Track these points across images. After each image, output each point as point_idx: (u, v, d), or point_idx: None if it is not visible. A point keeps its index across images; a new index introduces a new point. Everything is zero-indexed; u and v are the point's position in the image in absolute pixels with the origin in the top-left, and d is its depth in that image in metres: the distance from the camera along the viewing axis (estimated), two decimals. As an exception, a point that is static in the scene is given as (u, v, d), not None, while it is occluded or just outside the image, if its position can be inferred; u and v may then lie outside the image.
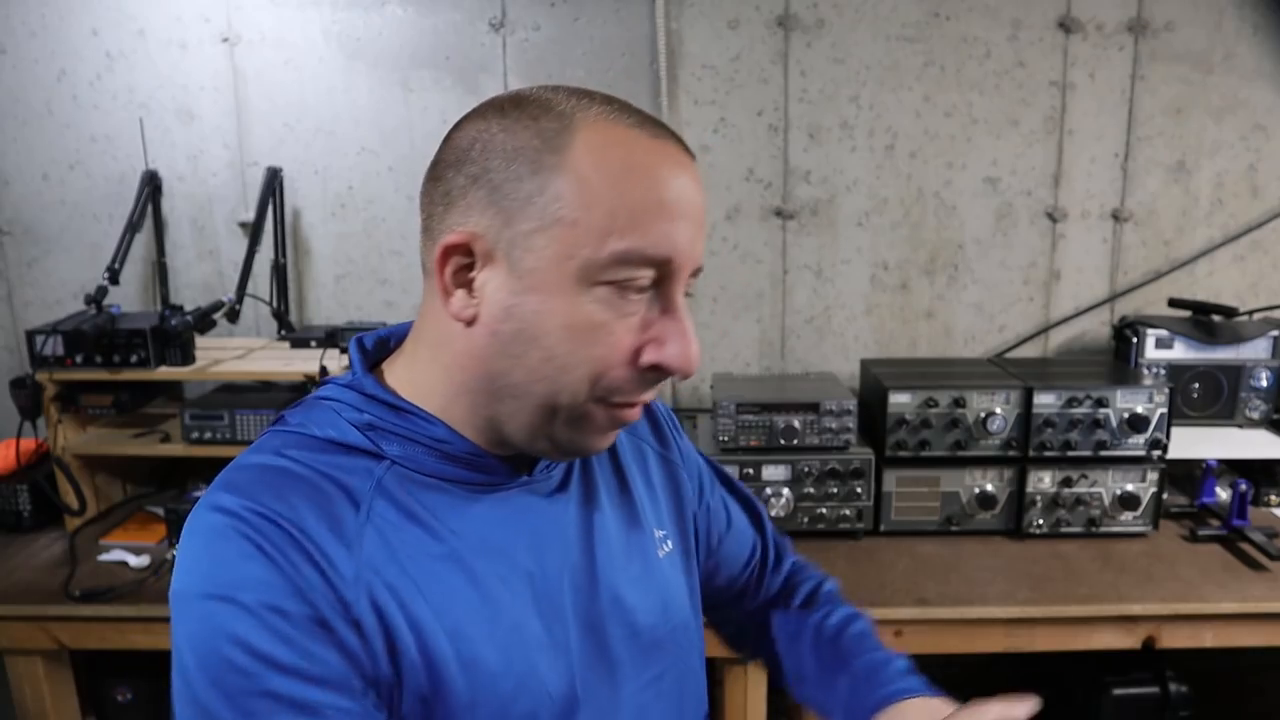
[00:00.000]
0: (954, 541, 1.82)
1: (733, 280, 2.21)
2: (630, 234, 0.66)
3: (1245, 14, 2.10)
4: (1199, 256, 2.21)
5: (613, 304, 0.67)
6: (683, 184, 0.68)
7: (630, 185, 0.66)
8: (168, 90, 2.11)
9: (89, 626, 1.62)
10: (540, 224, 0.66)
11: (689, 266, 0.70)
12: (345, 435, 0.72)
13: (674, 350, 0.69)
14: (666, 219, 0.67)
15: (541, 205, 0.66)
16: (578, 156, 0.66)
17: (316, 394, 0.77)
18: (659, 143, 0.69)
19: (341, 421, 0.73)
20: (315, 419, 0.74)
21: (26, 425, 1.82)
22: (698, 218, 0.69)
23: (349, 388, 0.75)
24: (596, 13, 2.09)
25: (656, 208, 0.67)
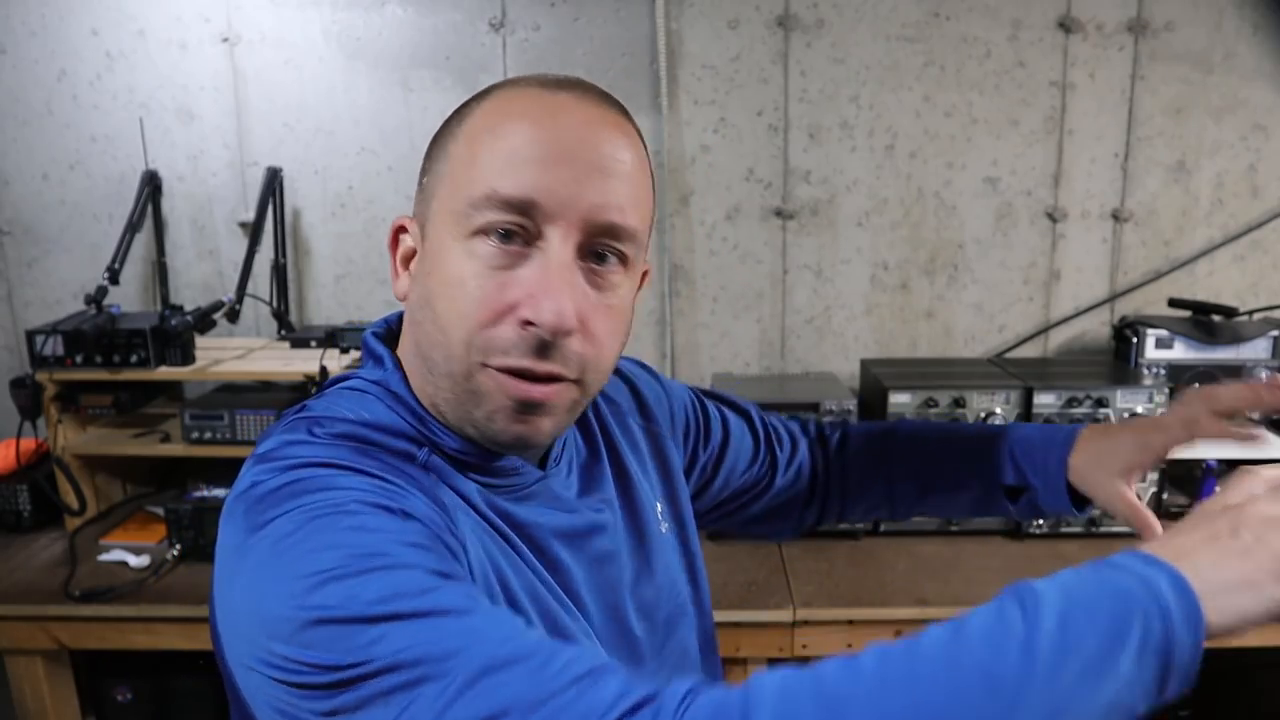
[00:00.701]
0: (954, 541, 1.82)
1: (733, 280, 2.21)
2: (491, 177, 0.64)
3: (1245, 14, 2.10)
4: (1199, 256, 2.21)
5: (488, 257, 0.64)
6: (562, 127, 0.65)
7: (503, 133, 0.65)
8: (168, 90, 2.11)
9: (89, 626, 1.62)
10: (438, 192, 0.69)
11: (567, 215, 0.64)
12: (381, 418, 0.69)
13: (538, 304, 0.63)
14: (531, 161, 0.64)
15: (440, 173, 0.69)
16: (473, 120, 0.68)
17: (341, 385, 0.74)
18: (552, 94, 0.67)
19: (377, 406, 0.70)
20: (344, 405, 0.70)
21: (26, 425, 1.82)
22: (584, 163, 0.64)
23: (377, 384, 0.72)
24: (596, 13, 2.09)
25: (523, 149, 0.64)
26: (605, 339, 0.68)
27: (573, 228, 0.64)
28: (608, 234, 0.66)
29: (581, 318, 0.65)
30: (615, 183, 0.66)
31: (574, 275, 0.65)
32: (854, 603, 1.60)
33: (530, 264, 0.65)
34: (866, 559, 1.76)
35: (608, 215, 0.65)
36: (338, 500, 0.58)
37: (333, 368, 1.81)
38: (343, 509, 0.58)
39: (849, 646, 1.59)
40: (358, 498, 0.59)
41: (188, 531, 1.73)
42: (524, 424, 0.67)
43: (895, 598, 1.61)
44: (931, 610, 1.58)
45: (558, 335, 0.64)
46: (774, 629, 1.58)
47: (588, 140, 0.65)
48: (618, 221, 0.66)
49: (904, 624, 1.59)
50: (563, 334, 0.64)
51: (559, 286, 0.63)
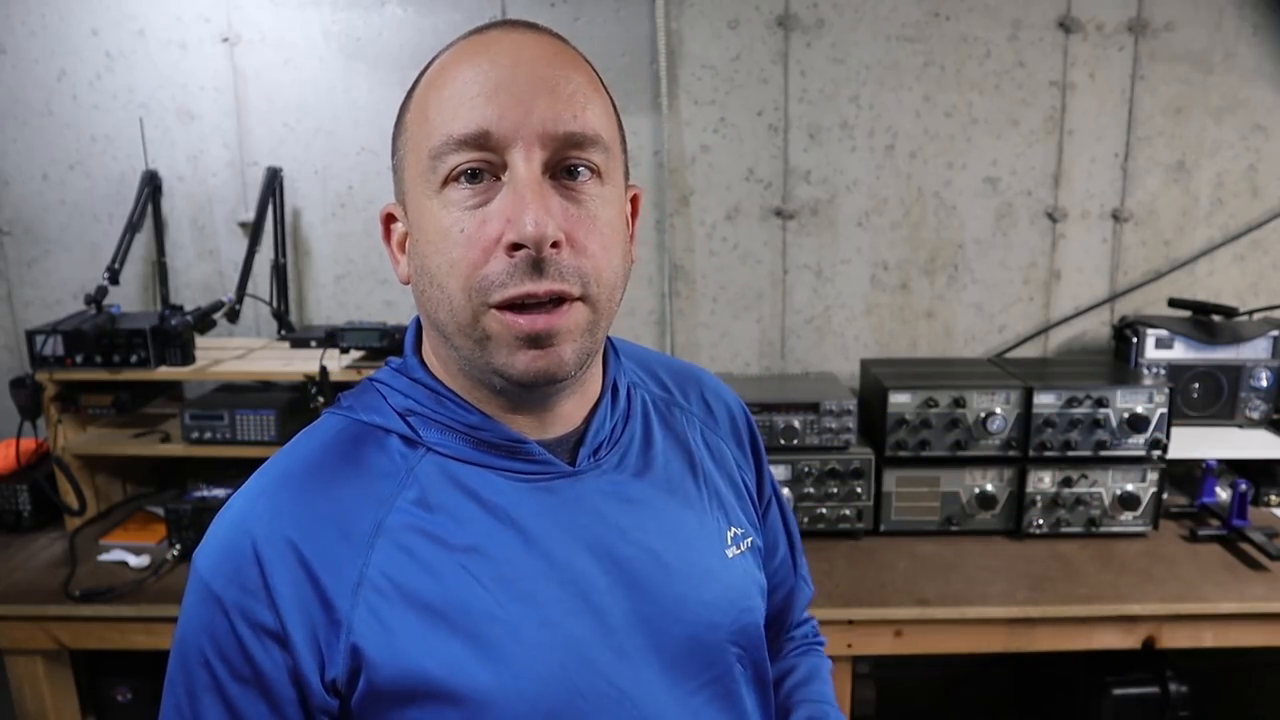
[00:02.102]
0: (954, 541, 1.82)
1: (733, 280, 2.21)
2: (443, 125, 0.66)
3: (1245, 14, 2.10)
4: (1199, 256, 2.21)
5: (461, 200, 0.66)
6: (499, 58, 0.66)
7: (444, 82, 0.67)
8: (168, 90, 2.11)
9: (89, 626, 1.62)
10: (406, 162, 0.70)
11: (523, 134, 0.65)
12: (387, 420, 0.74)
13: (518, 222, 0.64)
14: (470, 96, 0.65)
15: (403, 146, 0.71)
16: (419, 88, 0.70)
17: (372, 376, 0.79)
18: (482, 34, 0.68)
19: (385, 406, 0.75)
20: (363, 402, 0.76)
21: (26, 425, 1.82)
22: (527, 83, 0.65)
23: (399, 372, 0.76)
24: (596, 13, 2.09)
25: (461, 89, 0.65)
26: (598, 251, 0.68)
27: (532, 146, 0.65)
28: (570, 145, 0.66)
29: (566, 230, 0.66)
30: (563, 95, 0.66)
31: (545, 189, 0.65)
32: (854, 603, 1.60)
33: (502, 193, 0.66)
34: (866, 559, 1.76)
35: (563, 125, 0.65)
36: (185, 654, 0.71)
37: (333, 368, 1.81)
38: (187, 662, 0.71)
39: (849, 646, 1.59)
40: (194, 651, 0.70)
41: (188, 531, 1.73)
42: (543, 358, 0.67)
43: (895, 598, 1.61)
44: (932, 610, 1.58)
45: (542, 247, 0.64)
46: (774, 629, 1.58)
47: (525, 62, 0.66)
48: (575, 130, 0.66)
49: (904, 624, 1.59)
50: (548, 244, 0.64)
51: (531, 200, 0.64)
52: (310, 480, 0.71)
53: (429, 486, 0.71)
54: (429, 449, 0.72)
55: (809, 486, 1.81)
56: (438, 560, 0.69)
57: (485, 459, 0.72)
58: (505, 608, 0.69)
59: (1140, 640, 1.60)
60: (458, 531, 0.70)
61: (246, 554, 0.68)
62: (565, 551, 0.72)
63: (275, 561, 0.67)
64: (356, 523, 0.69)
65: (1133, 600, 1.58)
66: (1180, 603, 1.58)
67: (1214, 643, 1.60)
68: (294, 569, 0.67)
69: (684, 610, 0.76)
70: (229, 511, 0.72)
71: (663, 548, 0.76)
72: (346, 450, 0.73)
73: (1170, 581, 1.64)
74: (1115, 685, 1.80)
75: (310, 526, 0.68)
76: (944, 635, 1.60)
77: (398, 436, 0.73)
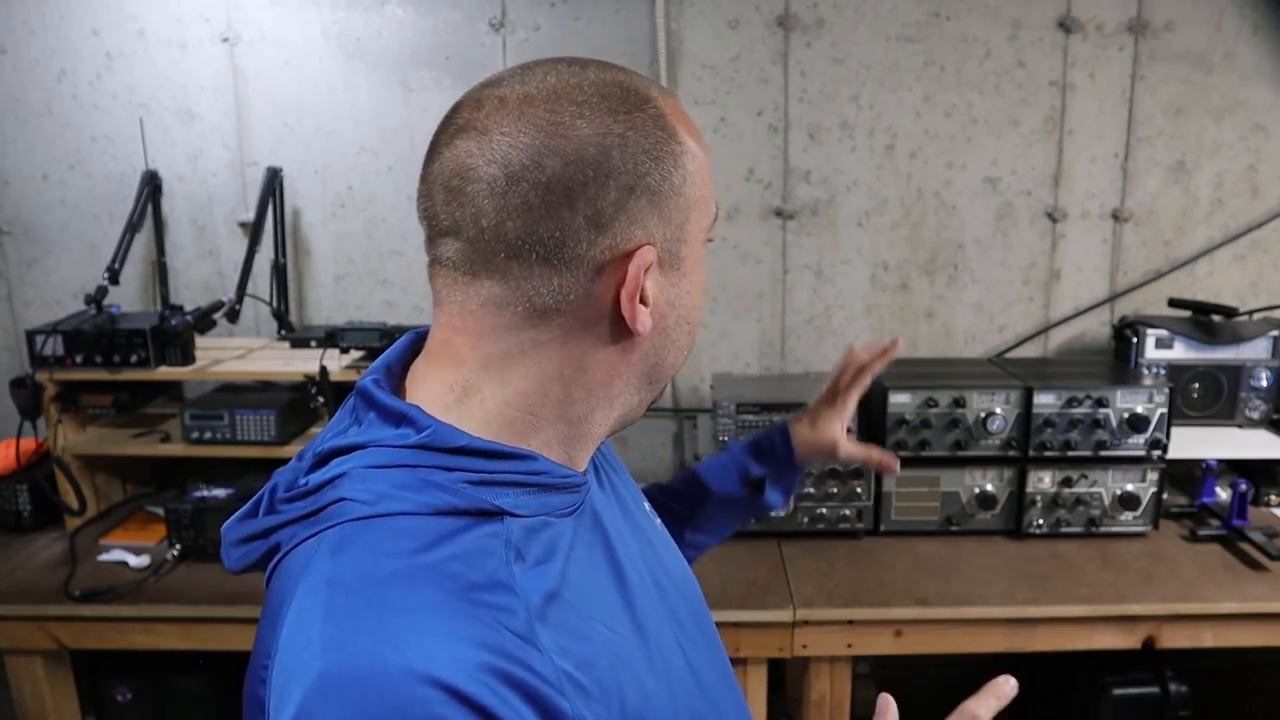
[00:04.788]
0: (954, 541, 1.82)
1: (733, 280, 2.21)
2: (710, 197, 0.70)
3: (1245, 14, 2.10)
4: (1199, 256, 2.21)
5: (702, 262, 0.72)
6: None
7: (702, 161, 0.70)
8: (168, 90, 2.11)
9: (89, 626, 1.62)
10: (687, 211, 0.67)
11: None
12: (453, 499, 0.60)
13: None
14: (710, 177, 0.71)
15: (687, 193, 0.66)
16: (684, 135, 0.67)
17: (363, 464, 0.61)
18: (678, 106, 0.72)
19: (433, 486, 0.60)
20: (393, 493, 0.59)
21: (26, 425, 1.82)
22: None
23: (421, 448, 0.62)
24: (596, 13, 2.09)
25: (709, 171, 0.70)
26: None
27: None
28: None
29: None
30: None
31: None
32: (854, 603, 1.60)
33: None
34: (866, 559, 1.76)
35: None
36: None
37: (333, 368, 1.81)
38: None
39: (849, 646, 1.59)
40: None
41: (188, 531, 1.73)
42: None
43: (895, 598, 1.61)
44: (932, 610, 1.58)
45: None
46: (774, 629, 1.58)
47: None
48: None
49: (904, 624, 1.59)
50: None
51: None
52: (435, 590, 0.55)
53: (530, 555, 0.61)
54: (505, 514, 0.62)
55: (809, 486, 1.81)
56: (580, 624, 0.61)
57: (546, 504, 0.65)
58: (633, 643, 0.66)
59: (1140, 640, 1.60)
60: (570, 588, 0.62)
61: (444, 702, 0.50)
62: (624, 568, 0.71)
63: (490, 694, 0.51)
64: (514, 617, 0.56)
65: (1133, 600, 1.58)
66: (1180, 603, 1.58)
67: (1214, 643, 1.60)
68: (511, 692, 0.52)
69: (679, 590, 0.80)
70: (344, 674, 0.50)
71: (652, 539, 0.81)
72: (430, 547, 0.57)
73: (1170, 581, 1.64)
74: (1115, 685, 1.80)
75: (489, 638, 0.54)
76: (944, 635, 1.60)
77: (469, 515, 0.60)
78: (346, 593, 0.54)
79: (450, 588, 0.55)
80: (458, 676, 0.50)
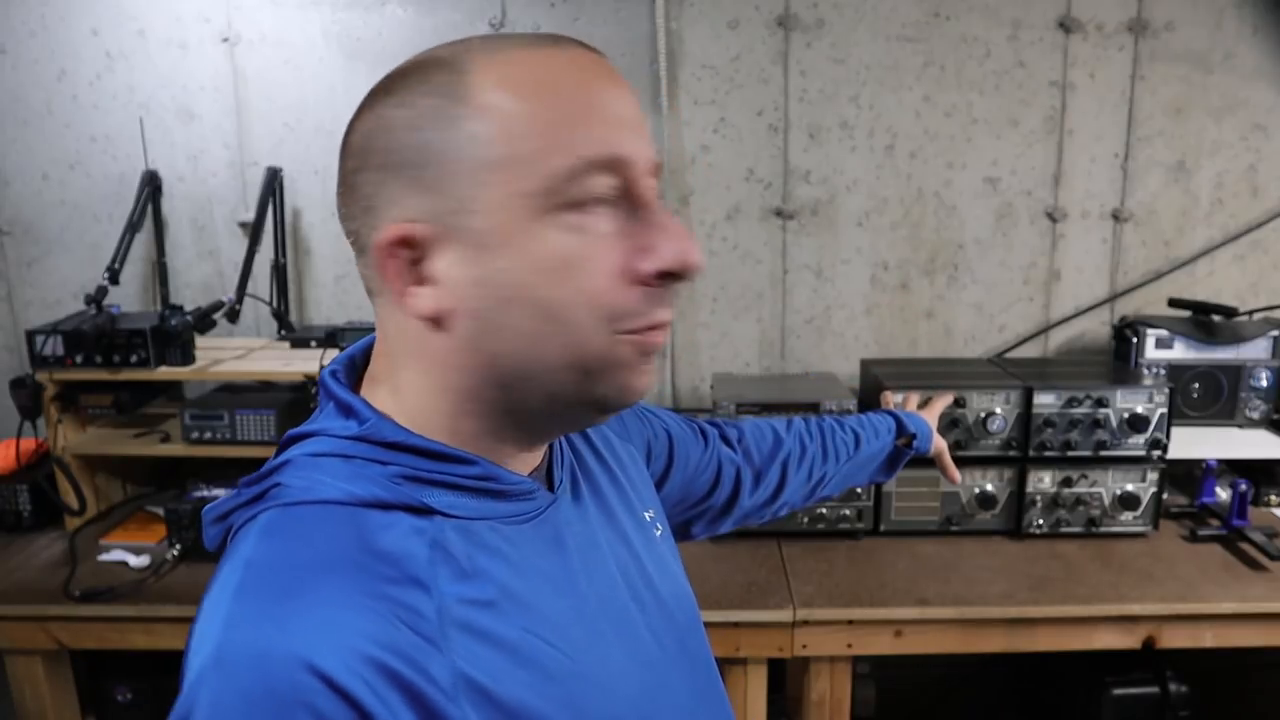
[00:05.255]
0: (954, 541, 1.82)
1: (733, 280, 2.21)
2: (570, 145, 0.60)
3: (1245, 14, 2.10)
4: (1199, 256, 2.21)
5: (580, 226, 0.60)
6: (604, 84, 0.63)
7: (548, 98, 0.61)
8: (168, 90, 2.11)
9: (89, 626, 1.62)
10: (472, 177, 0.60)
11: (646, 164, 0.63)
12: (379, 493, 0.60)
13: (670, 249, 0.62)
14: (601, 121, 0.61)
15: (465, 158, 0.60)
16: (482, 93, 0.60)
17: (306, 452, 0.63)
18: (561, 50, 0.63)
19: (366, 478, 0.61)
20: (327, 481, 0.61)
21: (26, 425, 1.82)
22: (636, 116, 0.64)
23: (360, 439, 0.63)
24: (596, 13, 2.09)
25: (587, 111, 0.61)
26: None
27: (650, 175, 0.64)
28: (656, 175, 0.66)
29: None
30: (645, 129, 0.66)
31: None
32: (854, 603, 1.60)
33: (639, 219, 0.63)
34: (866, 559, 1.76)
35: (659, 158, 0.66)
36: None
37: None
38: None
39: (849, 647, 1.59)
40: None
41: (188, 531, 1.73)
42: (648, 374, 0.66)
43: (895, 598, 1.61)
44: (932, 610, 1.58)
45: (694, 276, 0.64)
46: (774, 629, 1.58)
47: (625, 93, 0.64)
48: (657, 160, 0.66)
49: (904, 624, 1.59)
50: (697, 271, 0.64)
51: (683, 229, 0.63)
52: (341, 580, 0.55)
53: (461, 557, 0.61)
54: (439, 514, 0.62)
55: (809, 486, 1.81)
56: (505, 633, 0.60)
57: (492, 509, 0.65)
58: (575, 660, 0.63)
59: (1140, 640, 1.60)
60: (505, 596, 0.62)
61: (316, 689, 0.50)
62: (583, 582, 0.69)
63: (363, 687, 0.51)
64: (419, 616, 0.56)
65: (1133, 600, 1.58)
66: (1180, 603, 1.58)
67: (1214, 643, 1.60)
68: (390, 689, 0.52)
69: (666, 610, 0.77)
70: (235, 653, 0.51)
71: (631, 556, 0.77)
72: (349, 537, 0.58)
73: (1170, 581, 1.64)
74: (1115, 685, 1.80)
75: (381, 633, 0.53)
76: (944, 635, 1.60)
77: (399, 510, 0.60)
78: (258, 574, 0.55)
79: (359, 580, 0.55)
80: (337, 667, 0.50)
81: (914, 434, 1.24)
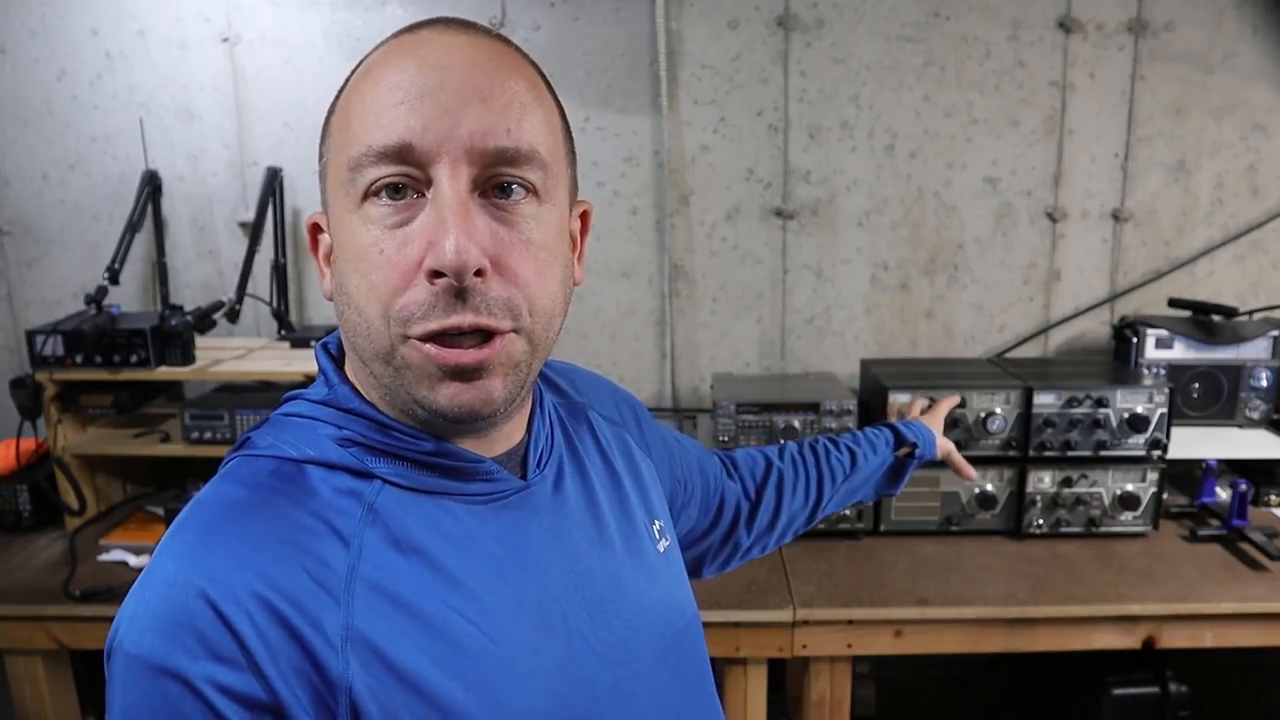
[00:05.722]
0: (954, 541, 1.82)
1: (733, 280, 2.21)
2: (364, 134, 0.60)
3: (1245, 14, 2.10)
4: (1199, 256, 2.21)
5: (381, 218, 0.60)
6: (427, 61, 0.60)
7: (368, 87, 0.61)
8: (168, 90, 2.11)
9: (89, 626, 1.62)
10: (329, 157, 0.65)
11: (448, 149, 0.59)
12: (327, 453, 0.64)
13: (437, 248, 0.58)
14: (390, 105, 0.60)
15: (326, 150, 0.66)
16: (346, 89, 0.65)
17: (283, 411, 0.70)
18: (413, 34, 0.63)
19: (321, 439, 0.65)
20: (288, 439, 0.66)
21: (26, 425, 1.82)
22: (455, 92, 0.60)
23: (324, 404, 0.68)
24: (596, 13, 2.09)
25: (384, 95, 0.60)
26: (531, 278, 0.62)
27: (458, 162, 0.59)
28: (501, 161, 0.61)
29: (493, 256, 0.60)
30: (496, 105, 0.60)
31: (470, 211, 0.59)
32: (854, 603, 1.60)
33: (424, 212, 0.60)
34: (866, 559, 1.76)
35: (493, 139, 0.60)
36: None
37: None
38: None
39: (849, 646, 1.59)
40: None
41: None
42: (468, 391, 0.61)
43: (895, 598, 1.61)
44: (932, 610, 1.58)
45: (464, 276, 0.58)
46: (774, 629, 1.58)
47: (456, 67, 0.60)
48: (508, 145, 0.60)
49: (904, 624, 1.59)
50: (470, 272, 0.58)
51: (452, 223, 0.58)
52: (260, 525, 0.60)
53: (393, 523, 0.63)
54: (384, 481, 0.64)
55: (809, 486, 1.81)
56: (422, 602, 0.62)
57: (441, 485, 0.66)
58: (498, 643, 0.64)
59: (1140, 640, 1.60)
60: (434, 566, 0.63)
61: (207, 617, 0.55)
62: (537, 573, 0.68)
63: (246, 621, 0.55)
64: (328, 569, 0.59)
65: (1133, 600, 1.58)
66: (1180, 603, 1.58)
67: (1214, 643, 1.60)
68: (271, 627, 0.56)
69: (642, 618, 0.75)
70: (158, 575, 0.58)
71: (611, 558, 0.75)
72: (288, 490, 0.62)
73: (1170, 581, 1.64)
74: (1115, 685, 1.80)
75: (278, 576, 0.57)
76: (944, 635, 1.60)
77: (344, 471, 0.64)
78: (197, 511, 0.62)
79: (277, 527, 0.60)
80: (226, 600, 0.55)
81: (914, 443, 1.24)
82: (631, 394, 0.97)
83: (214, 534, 0.60)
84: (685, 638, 0.81)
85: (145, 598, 0.57)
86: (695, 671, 0.81)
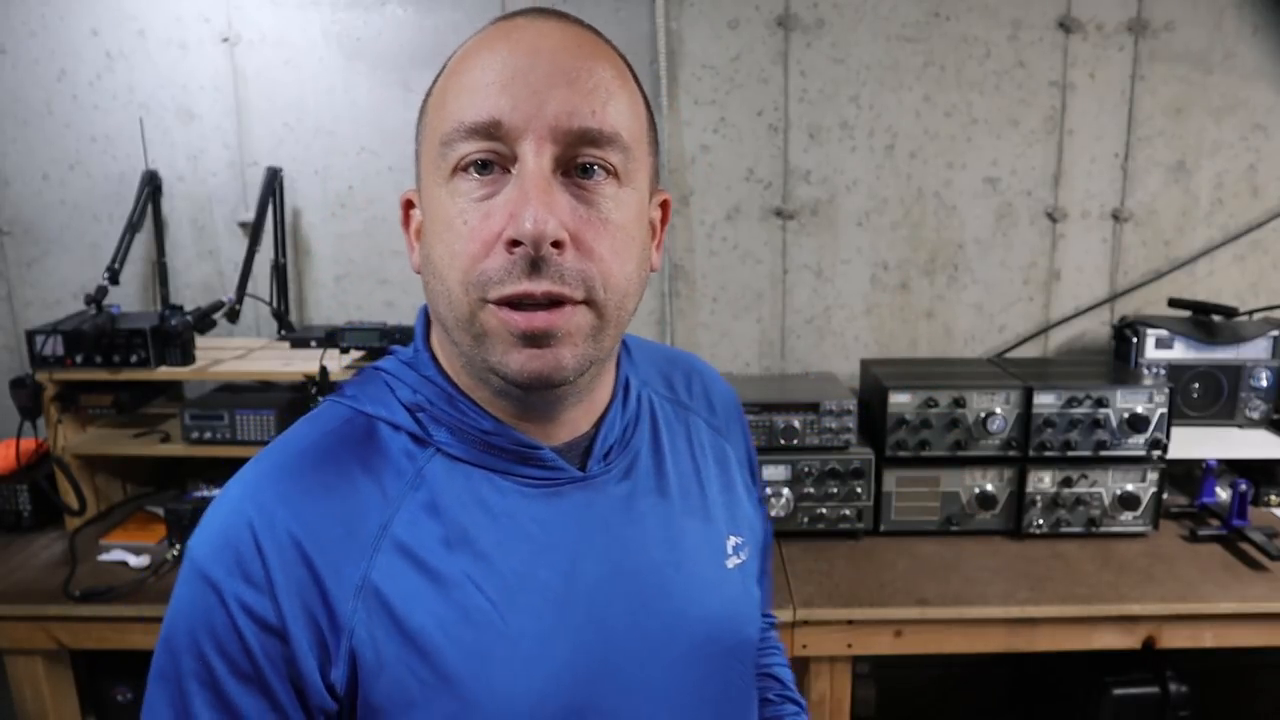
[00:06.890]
0: (954, 541, 1.82)
1: (733, 280, 2.21)
2: (454, 113, 0.64)
3: (1245, 14, 2.10)
4: (1199, 256, 2.21)
5: (468, 191, 0.64)
6: (520, 45, 0.64)
7: (464, 69, 0.65)
8: (168, 90, 2.11)
9: (89, 626, 1.62)
10: (422, 141, 0.69)
11: (535, 127, 0.62)
12: (394, 415, 0.71)
13: (518, 219, 0.61)
14: (482, 85, 0.63)
15: (422, 129, 0.70)
16: (443, 75, 0.69)
17: (377, 365, 0.76)
18: (508, 22, 0.66)
19: (393, 399, 0.72)
20: (369, 393, 0.73)
21: (26, 425, 1.82)
22: (545, 74, 0.63)
23: (408, 365, 0.74)
24: (596, 13, 2.09)
25: (478, 76, 0.63)
26: (607, 255, 0.64)
27: (544, 140, 0.62)
28: (585, 142, 0.63)
29: (572, 231, 0.63)
30: (583, 88, 0.63)
31: (552, 186, 0.62)
32: (854, 603, 1.60)
33: (509, 187, 0.63)
34: (866, 559, 1.76)
35: (578, 120, 0.63)
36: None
37: (333, 368, 1.81)
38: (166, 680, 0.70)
39: (849, 646, 1.59)
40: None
41: (188, 531, 1.73)
42: (539, 358, 0.64)
43: (895, 598, 1.61)
44: (932, 610, 1.58)
45: (540, 245, 0.61)
46: (774, 629, 1.58)
47: (546, 51, 0.64)
48: (591, 126, 0.63)
49: (904, 624, 1.59)
50: (546, 242, 0.61)
51: (534, 196, 0.61)
52: (315, 472, 0.67)
53: (437, 489, 0.68)
54: (438, 449, 0.70)
55: (809, 486, 1.81)
56: (442, 568, 0.66)
57: (496, 463, 0.70)
58: (507, 620, 0.66)
59: (1140, 640, 1.60)
60: (465, 538, 0.67)
61: (247, 544, 0.64)
62: (572, 562, 0.70)
63: (276, 555, 0.64)
64: (362, 522, 0.66)
65: (1133, 600, 1.58)
66: (1180, 603, 1.58)
67: (1214, 643, 1.60)
68: (296, 565, 0.64)
69: (684, 625, 0.74)
70: (226, 498, 0.68)
71: (666, 559, 0.75)
72: (352, 443, 0.69)
73: (1170, 581, 1.64)
74: (1115, 685, 1.80)
75: (314, 521, 0.65)
76: (944, 635, 1.60)
77: (406, 434, 0.70)
78: (276, 446, 0.70)
79: (328, 474, 0.67)
80: (265, 531, 0.64)
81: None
82: (737, 399, 0.94)
83: (275, 472, 0.68)
84: (730, 657, 0.79)
85: (213, 515, 0.67)
86: (726, 694, 0.78)
